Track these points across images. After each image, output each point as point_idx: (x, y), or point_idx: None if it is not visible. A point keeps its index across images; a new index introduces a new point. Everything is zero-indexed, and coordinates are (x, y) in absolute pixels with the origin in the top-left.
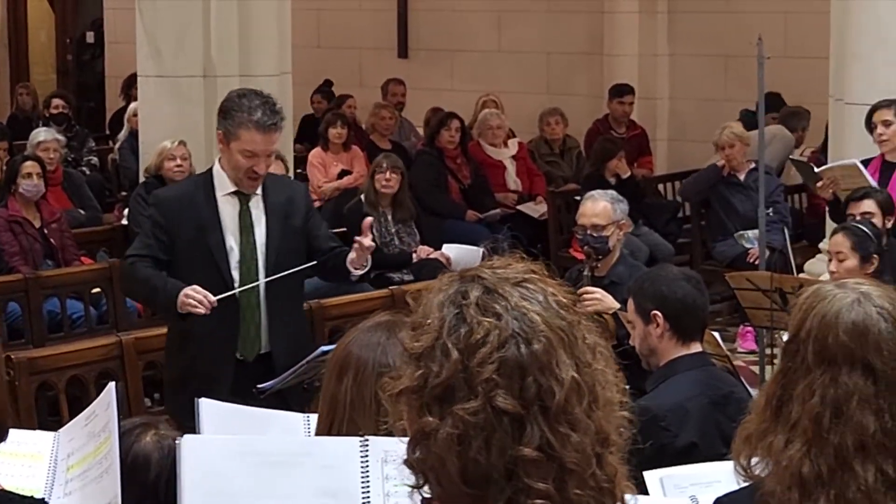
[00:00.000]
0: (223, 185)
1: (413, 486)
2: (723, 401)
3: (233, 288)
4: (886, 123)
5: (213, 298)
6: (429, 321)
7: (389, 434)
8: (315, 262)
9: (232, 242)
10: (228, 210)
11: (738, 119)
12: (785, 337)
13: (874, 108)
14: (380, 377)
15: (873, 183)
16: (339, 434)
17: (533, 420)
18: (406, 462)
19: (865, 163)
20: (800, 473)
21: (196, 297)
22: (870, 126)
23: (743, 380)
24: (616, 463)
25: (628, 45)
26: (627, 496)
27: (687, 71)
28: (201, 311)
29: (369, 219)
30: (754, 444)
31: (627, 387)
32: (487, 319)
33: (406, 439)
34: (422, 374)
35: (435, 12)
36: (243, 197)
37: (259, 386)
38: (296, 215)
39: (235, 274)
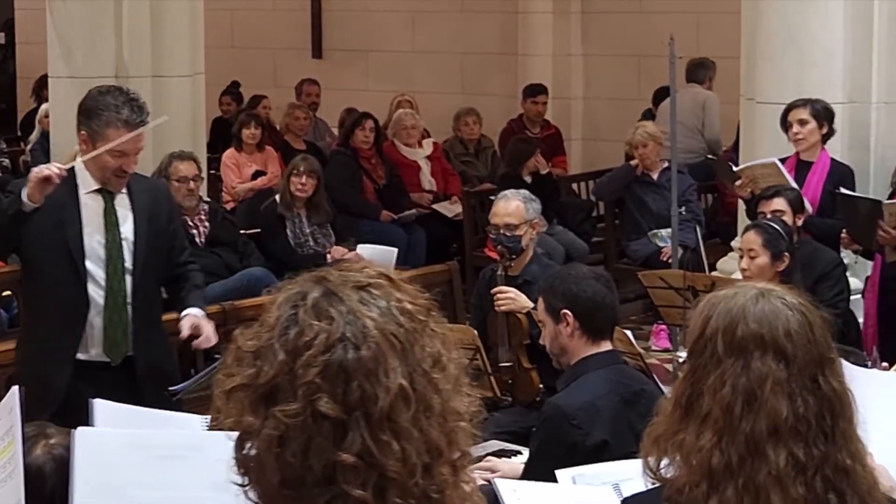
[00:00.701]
0: (86, 183)
1: (240, 486)
2: (634, 398)
3: (86, 285)
4: (802, 122)
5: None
6: (268, 320)
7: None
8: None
9: (96, 241)
10: (93, 208)
11: (640, 119)
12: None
13: (790, 107)
14: None
15: (792, 181)
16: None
17: (355, 426)
18: (234, 460)
19: (782, 161)
20: (709, 465)
21: (45, 170)
22: (785, 125)
23: (656, 378)
24: (450, 474)
25: (542, 45)
26: None
27: (600, 71)
28: (53, 173)
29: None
30: (663, 446)
31: (542, 386)
32: (318, 322)
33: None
34: (253, 372)
35: (349, 13)
36: (108, 195)
37: (170, 388)
38: (161, 215)
39: (100, 272)
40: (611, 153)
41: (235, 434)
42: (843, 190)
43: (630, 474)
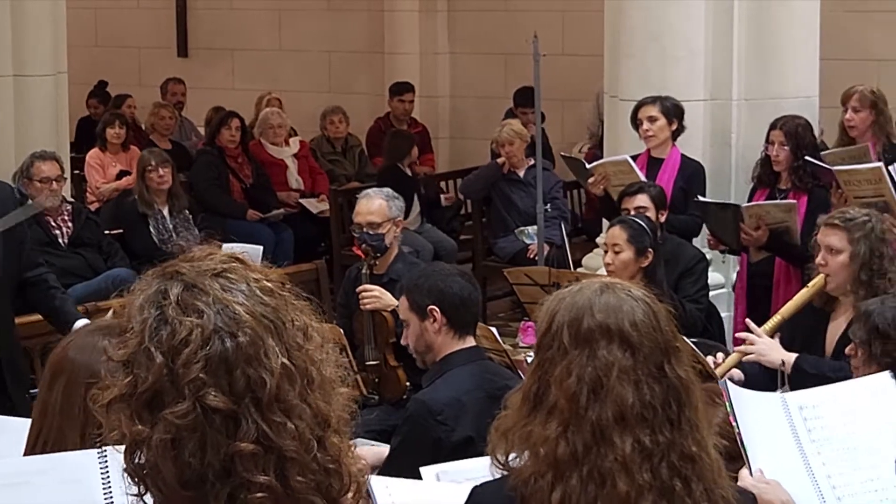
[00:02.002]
0: None
1: (135, 495)
2: (499, 394)
3: None
4: (651, 119)
5: None
6: (132, 326)
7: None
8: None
9: None
10: None
11: (503, 118)
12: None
13: (639, 105)
14: (90, 387)
15: (643, 178)
16: (46, 443)
17: (246, 413)
18: (125, 471)
19: (633, 158)
20: (555, 455)
21: None
22: (635, 122)
23: (521, 374)
24: (340, 442)
25: (409, 43)
26: (357, 470)
27: (467, 69)
28: None
29: None
30: (511, 439)
31: (409, 384)
32: (189, 318)
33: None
34: (130, 381)
35: (214, 11)
36: None
37: None
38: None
39: None
40: (478, 151)
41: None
42: (699, 198)
43: (495, 471)
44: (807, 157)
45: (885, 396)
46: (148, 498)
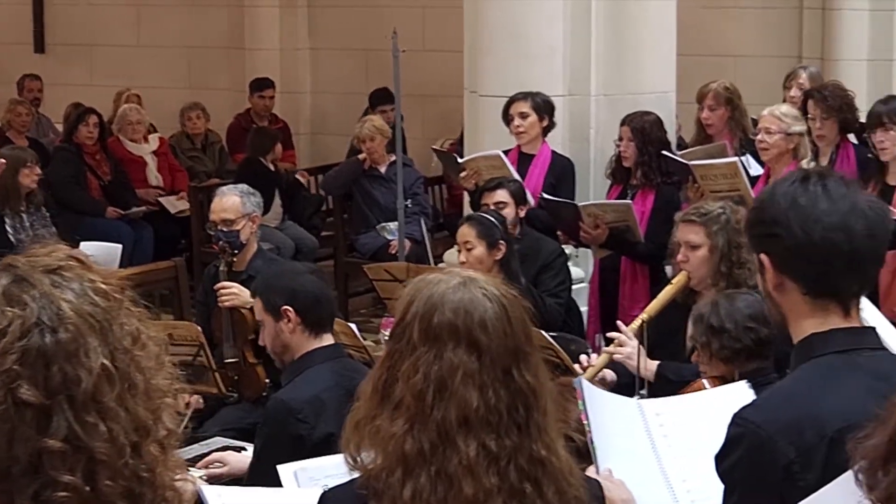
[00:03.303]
0: None
1: None
2: None
3: None
4: (523, 115)
5: None
6: None
7: None
8: None
9: None
10: None
11: (361, 115)
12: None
13: (511, 101)
14: None
15: (515, 173)
16: None
17: (59, 410)
18: None
19: (504, 154)
20: (403, 452)
21: None
22: (507, 118)
23: None
24: (160, 453)
25: (269, 39)
26: (179, 484)
27: (328, 65)
28: None
29: None
30: (363, 431)
31: (268, 381)
32: (11, 309)
33: None
34: None
35: (71, 6)
36: None
37: None
38: None
39: None
40: (339, 147)
41: None
42: (544, 195)
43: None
44: (662, 152)
45: (742, 405)
46: None
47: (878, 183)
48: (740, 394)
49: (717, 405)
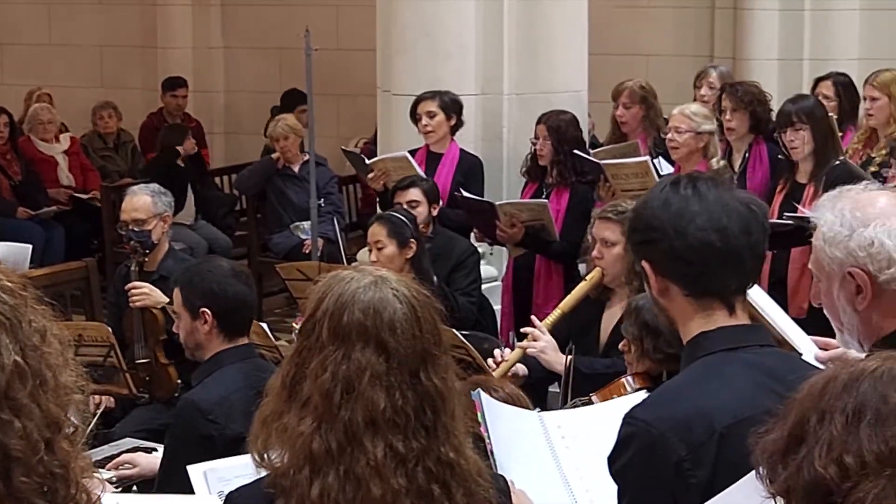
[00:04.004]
0: None
1: None
2: None
3: None
4: (430, 114)
5: None
6: None
7: None
8: None
9: None
10: None
11: (271, 116)
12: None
13: (419, 100)
14: None
15: (422, 173)
16: None
17: None
18: None
19: (412, 154)
20: (310, 450)
21: None
22: (414, 117)
23: None
24: (71, 448)
25: (182, 38)
26: (87, 482)
27: (241, 64)
28: None
29: None
30: (270, 427)
31: (180, 381)
32: None
33: None
34: None
35: None
36: None
37: None
38: None
39: None
40: (253, 146)
41: None
42: (462, 192)
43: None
44: (575, 151)
45: None
46: None
47: (789, 181)
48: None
49: (618, 416)
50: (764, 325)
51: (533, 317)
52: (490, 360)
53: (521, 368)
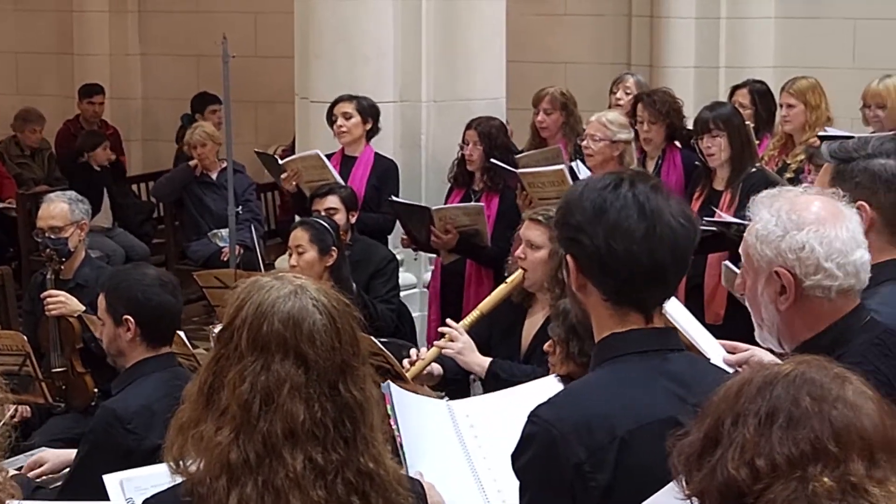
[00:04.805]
0: None
1: None
2: None
3: None
4: (346, 116)
5: None
6: None
7: None
8: None
9: None
10: None
11: (180, 124)
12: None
13: (336, 101)
14: None
15: (336, 174)
16: None
17: None
18: None
19: (328, 157)
20: (228, 460)
21: None
22: (330, 118)
23: None
24: None
25: (99, 44)
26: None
27: (159, 70)
28: None
29: None
30: (187, 435)
31: (97, 390)
32: None
33: None
34: None
35: None
36: None
37: None
38: None
39: None
40: (171, 153)
41: None
42: (394, 198)
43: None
44: (492, 160)
45: None
46: None
47: (706, 188)
48: (550, 389)
49: (527, 404)
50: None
51: (448, 319)
52: (405, 361)
53: (437, 368)
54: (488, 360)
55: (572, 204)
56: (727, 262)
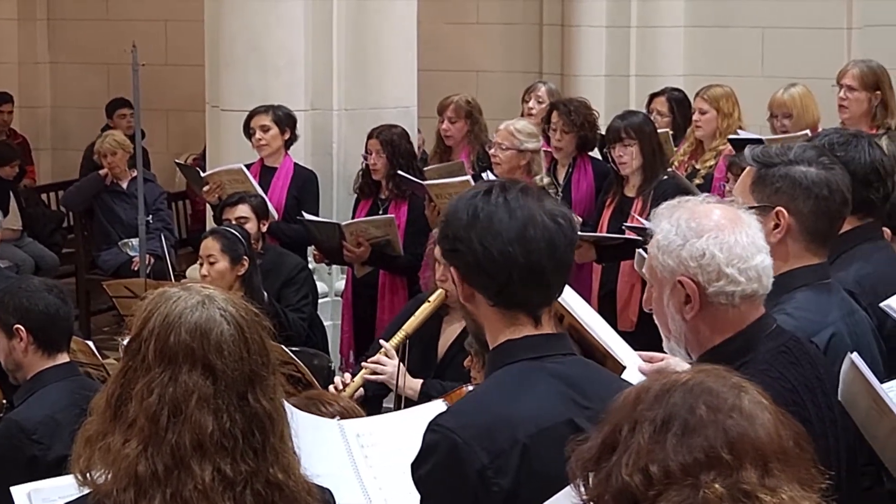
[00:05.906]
0: None
1: None
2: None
3: None
4: (264, 128)
5: None
6: None
7: None
8: None
9: None
10: None
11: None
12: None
13: (252, 114)
14: None
15: (257, 187)
16: None
17: None
18: None
19: (248, 167)
20: (136, 472)
21: None
22: (248, 131)
23: None
24: None
25: (7, 52)
26: None
27: (68, 79)
28: None
29: None
30: (94, 447)
31: (4, 401)
32: None
33: None
34: None
35: None
36: None
37: None
38: None
39: None
40: (80, 162)
41: None
42: (305, 216)
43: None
44: (399, 172)
45: None
46: None
47: (617, 195)
48: (438, 411)
49: (418, 424)
50: (570, 334)
51: (381, 341)
52: (331, 388)
53: (359, 392)
54: (419, 382)
55: (450, 217)
56: (640, 249)
